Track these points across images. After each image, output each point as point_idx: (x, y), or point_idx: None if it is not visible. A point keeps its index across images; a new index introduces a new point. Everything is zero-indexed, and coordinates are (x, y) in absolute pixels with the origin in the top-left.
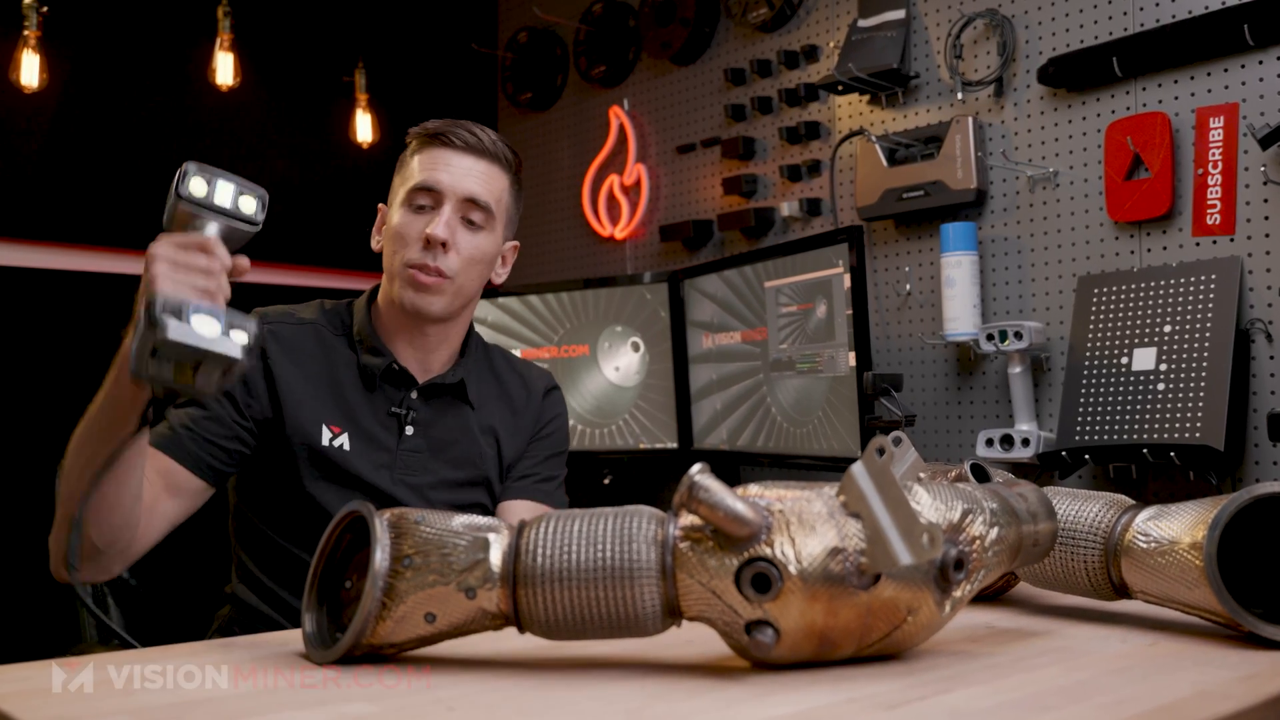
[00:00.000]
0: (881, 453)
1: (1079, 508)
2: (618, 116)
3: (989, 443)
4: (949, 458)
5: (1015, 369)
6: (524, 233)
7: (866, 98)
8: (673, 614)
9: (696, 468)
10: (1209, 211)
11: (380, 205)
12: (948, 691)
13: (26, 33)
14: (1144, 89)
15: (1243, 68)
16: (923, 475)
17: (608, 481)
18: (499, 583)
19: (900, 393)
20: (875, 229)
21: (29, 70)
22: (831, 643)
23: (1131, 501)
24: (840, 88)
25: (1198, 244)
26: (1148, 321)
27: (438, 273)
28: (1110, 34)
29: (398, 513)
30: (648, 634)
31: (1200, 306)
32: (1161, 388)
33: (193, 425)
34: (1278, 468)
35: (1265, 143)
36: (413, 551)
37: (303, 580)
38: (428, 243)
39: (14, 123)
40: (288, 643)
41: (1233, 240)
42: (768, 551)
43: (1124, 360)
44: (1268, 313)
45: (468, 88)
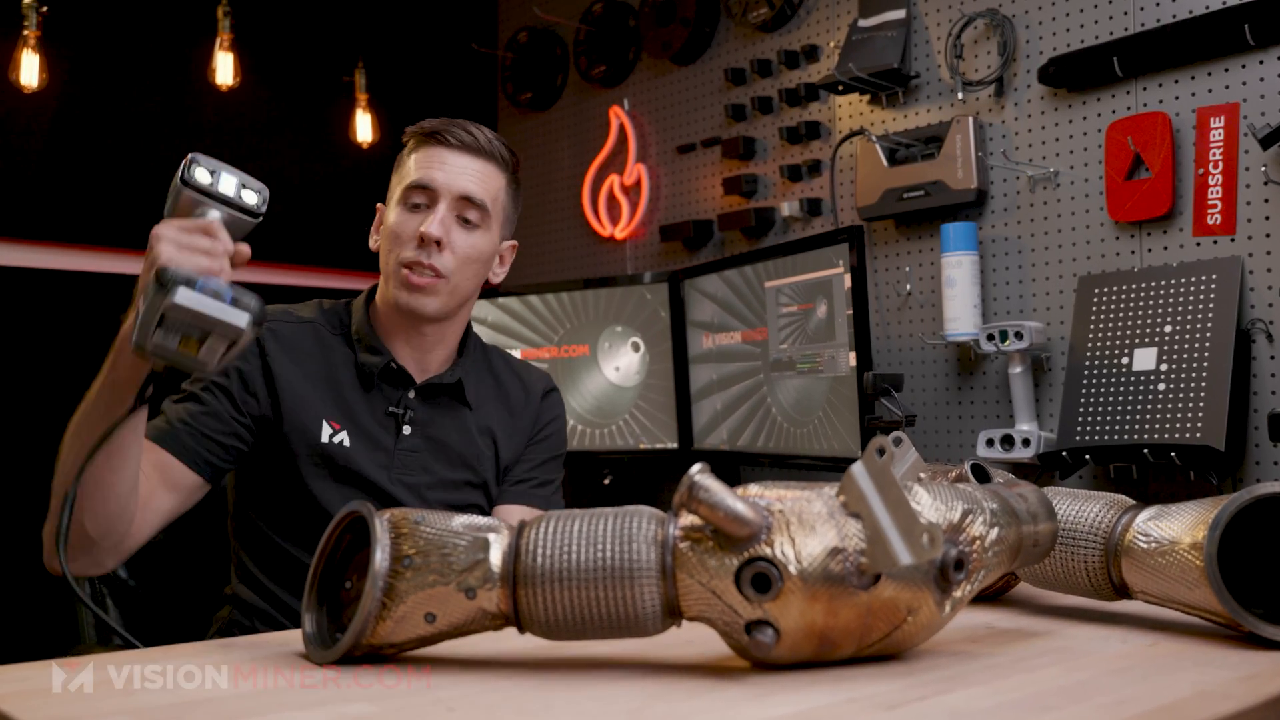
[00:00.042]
0: (882, 453)
1: (1079, 508)
2: (618, 116)
3: (989, 443)
4: (949, 458)
5: (1016, 369)
6: (524, 233)
7: (867, 98)
8: (673, 614)
9: (696, 468)
10: (1209, 211)
11: (379, 205)
12: (948, 692)
13: (26, 33)
14: (1144, 89)
15: (1243, 68)
16: (923, 475)
17: (608, 482)
18: (499, 583)
19: (900, 393)
20: (876, 229)
21: (29, 70)
22: (831, 643)
23: (1132, 502)
24: (840, 88)
25: (1198, 244)
26: (1148, 321)
27: (432, 271)
28: (1111, 34)
29: (398, 513)
30: (648, 634)
31: (1201, 306)
32: (1162, 388)
33: (190, 420)
34: (1278, 468)
35: (1266, 143)
36: (413, 552)
37: (303, 580)
38: (422, 241)
39: (14, 123)
40: (288, 643)
41: (1233, 240)
42: (768, 551)
43: (1124, 360)
44: (1268, 313)
45: (468, 88)
